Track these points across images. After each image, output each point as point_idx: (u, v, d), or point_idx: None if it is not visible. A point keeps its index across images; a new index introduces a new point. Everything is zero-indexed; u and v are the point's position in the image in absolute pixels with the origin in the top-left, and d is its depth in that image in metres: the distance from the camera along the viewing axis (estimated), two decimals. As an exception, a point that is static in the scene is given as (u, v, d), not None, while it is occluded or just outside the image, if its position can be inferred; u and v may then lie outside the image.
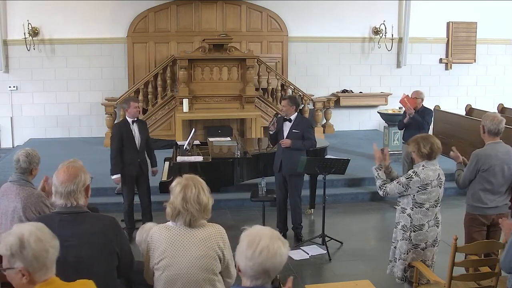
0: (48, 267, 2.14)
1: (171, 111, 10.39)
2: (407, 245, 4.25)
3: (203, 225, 2.84)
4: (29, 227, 2.15)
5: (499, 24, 12.43)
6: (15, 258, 2.08)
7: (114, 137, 6.21)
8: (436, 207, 4.23)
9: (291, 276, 2.29)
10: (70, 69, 11.19)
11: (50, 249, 2.13)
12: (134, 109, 6.13)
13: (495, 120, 4.48)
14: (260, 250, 2.08)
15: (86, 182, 2.80)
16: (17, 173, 3.95)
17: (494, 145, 4.51)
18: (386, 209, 7.57)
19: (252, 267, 2.10)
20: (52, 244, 2.15)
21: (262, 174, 6.64)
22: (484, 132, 4.54)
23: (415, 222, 4.20)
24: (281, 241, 2.14)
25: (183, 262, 2.76)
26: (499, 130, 4.49)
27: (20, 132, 11.23)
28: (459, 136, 9.46)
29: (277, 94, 10.88)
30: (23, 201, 3.81)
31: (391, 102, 11.81)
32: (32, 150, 4.08)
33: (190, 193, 2.75)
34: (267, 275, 2.11)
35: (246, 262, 2.11)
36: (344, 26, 11.93)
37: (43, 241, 2.11)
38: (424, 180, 4.13)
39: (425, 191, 4.14)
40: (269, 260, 2.08)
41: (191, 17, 11.49)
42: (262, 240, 2.10)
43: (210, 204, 2.83)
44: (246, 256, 2.11)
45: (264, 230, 2.17)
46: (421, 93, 7.42)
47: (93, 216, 2.83)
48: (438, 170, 4.22)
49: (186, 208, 2.74)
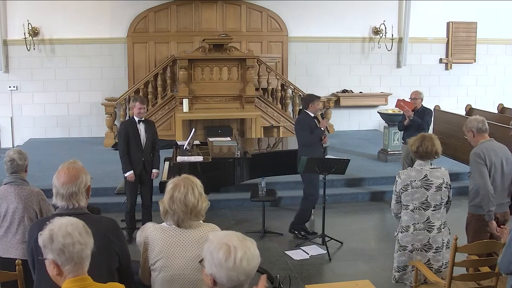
0: (76, 262, 2.17)
1: (171, 111, 10.40)
2: (396, 245, 4.28)
3: (198, 225, 2.80)
4: (62, 221, 2.21)
5: (499, 24, 12.43)
6: (47, 250, 2.18)
7: (120, 135, 6.22)
8: (427, 210, 4.11)
9: (263, 274, 2.21)
10: (70, 69, 11.19)
11: (77, 244, 2.16)
12: (137, 110, 6.10)
13: (478, 119, 4.58)
14: (240, 257, 1.99)
15: (87, 183, 2.79)
16: (12, 174, 3.91)
17: (488, 142, 4.54)
18: (386, 209, 7.56)
19: (235, 277, 2.00)
20: (80, 239, 2.17)
21: (262, 174, 6.64)
22: (474, 136, 4.57)
23: (403, 223, 4.21)
24: (249, 240, 2.06)
25: (179, 263, 2.74)
26: (485, 126, 4.56)
27: (20, 132, 11.23)
28: (459, 136, 9.43)
29: (277, 94, 10.88)
30: (23, 201, 3.80)
31: (391, 102, 11.78)
32: (18, 149, 4.05)
33: (178, 193, 2.72)
34: (248, 279, 2.04)
35: (228, 273, 2.00)
36: (344, 26, 11.93)
37: (71, 235, 2.16)
38: (405, 180, 4.13)
39: (407, 192, 4.13)
40: (250, 264, 2.01)
41: (191, 17, 11.49)
42: (236, 247, 2.01)
43: (201, 206, 2.76)
44: (228, 267, 2.00)
45: (229, 236, 2.07)
46: (420, 93, 7.44)
47: (93, 217, 2.82)
48: (426, 171, 4.12)
49: (173, 208, 2.72)
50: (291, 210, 7.47)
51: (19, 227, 3.80)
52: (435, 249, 4.15)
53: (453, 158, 9.27)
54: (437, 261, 4.17)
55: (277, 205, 7.57)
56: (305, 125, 6.33)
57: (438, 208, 4.14)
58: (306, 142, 6.36)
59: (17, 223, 3.80)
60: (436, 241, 4.15)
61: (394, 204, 4.26)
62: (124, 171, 6.15)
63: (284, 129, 10.52)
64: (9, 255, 3.80)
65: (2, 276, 3.31)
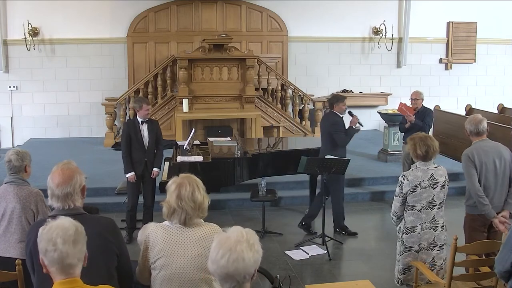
0: (60, 266, 2.17)
1: (171, 111, 10.39)
2: (400, 247, 4.27)
3: (199, 224, 2.82)
4: (53, 224, 2.21)
5: (499, 24, 12.43)
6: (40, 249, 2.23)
7: (122, 136, 6.27)
8: (433, 209, 4.15)
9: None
10: (70, 69, 11.19)
11: (57, 251, 2.14)
12: (145, 111, 6.16)
13: (473, 121, 4.58)
14: (222, 254, 2.01)
15: (82, 183, 2.78)
16: (12, 174, 3.91)
17: (480, 142, 4.57)
18: (386, 209, 7.55)
19: (215, 271, 2.05)
20: (62, 248, 2.15)
21: (262, 174, 6.64)
22: (469, 135, 4.63)
23: (408, 224, 4.20)
24: (247, 244, 2.05)
25: (179, 261, 2.75)
26: (479, 130, 4.55)
27: (20, 132, 11.23)
28: (459, 136, 9.44)
29: (277, 94, 10.87)
30: (22, 201, 3.79)
31: (391, 102, 11.82)
32: (20, 149, 4.03)
33: (185, 191, 2.75)
34: (233, 279, 2.04)
35: (210, 265, 2.06)
36: (344, 26, 11.93)
37: (53, 241, 2.15)
38: (413, 181, 4.12)
39: (415, 193, 4.12)
40: (231, 265, 2.00)
41: (191, 17, 11.49)
42: (225, 243, 2.03)
43: (206, 203, 2.81)
44: (211, 258, 2.06)
45: (233, 233, 2.09)
46: (420, 94, 7.43)
47: (91, 217, 2.81)
48: (432, 170, 4.15)
49: (181, 206, 2.74)
50: (291, 210, 7.49)
51: (17, 226, 3.80)
52: (439, 246, 4.22)
53: (453, 158, 9.26)
54: (440, 259, 4.23)
55: (277, 205, 7.56)
56: (341, 127, 6.39)
57: (441, 206, 4.20)
58: (344, 143, 6.43)
59: (15, 222, 3.80)
60: (440, 238, 4.22)
61: (399, 206, 4.22)
62: (126, 172, 6.15)
63: (284, 129, 10.53)
64: (8, 254, 3.80)
65: (2, 276, 3.31)
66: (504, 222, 4.41)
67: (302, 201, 7.60)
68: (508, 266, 2.95)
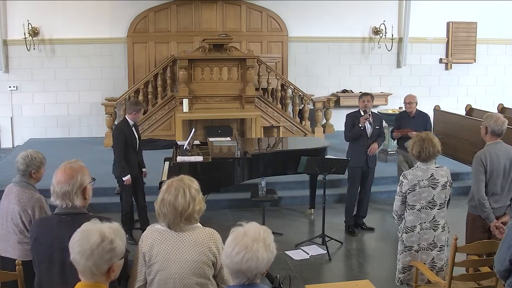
0: (78, 269, 2.19)
1: (171, 111, 10.39)
2: (400, 246, 4.27)
3: (193, 228, 2.74)
4: (86, 227, 2.23)
5: (499, 24, 12.43)
6: None
7: (119, 138, 6.17)
8: (433, 209, 4.14)
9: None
10: (70, 69, 11.19)
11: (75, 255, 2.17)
12: (140, 115, 6.36)
13: (499, 121, 4.49)
14: (238, 251, 2.02)
15: (83, 183, 2.77)
16: (18, 175, 3.91)
17: (494, 145, 4.51)
18: (386, 209, 7.56)
19: (228, 265, 2.08)
20: (77, 255, 2.16)
21: (262, 174, 6.64)
22: (487, 133, 4.53)
23: (408, 223, 4.20)
24: (264, 244, 2.05)
25: (174, 266, 2.69)
26: (503, 131, 4.50)
27: (20, 132, 11.23)
28: (459, 136, 9.46)
29: (277, 94, 10.87)
30: (21, 204, 3.76)
31: (391, 102, 11.82)
32: (34, 152, 3.92)
33: (168, 195, 2.67)
34: (244, 275, 2.06)
35: (224, 259, 2.10)
36: (344, 26, 11.93)
37: (73, 241, 2.20)
38: (412, 180, 4.12)
39: (414, 192, 4.12)
40: (245, 263, 2.02)
41: (191, 17, 11.49)
42: (242, 240, 2.04)
43: (194, 209, 2.68)
44: (226, 253, 2.09)
45: (251, 230, 2.09)
46: (414, 97, 7.19)
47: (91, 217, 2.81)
48: (432, 170, 4.13)
49: (163, 211, 2.68)
50: (291, 210, 7.49)
51: (16, 228, 3.78)
52: (439, 247, 4.20)
53: (453, 158, 9.27)
54: (440, 260, 4.22)
55: (277, 205, 7.57)
56: (349, 121, 6.66)
57: (442, 206, 4.18)
58: (345, 138, 6.74)
59: (14, 224, 3.79)
60: (440, 239, 4.20)
61: (399, 205, 4.23)
62: (123, 175, 6.14)
63: (284, 129, 10.53)
64: (7, 254, 3.80)
65: (2, 276, 3.31)
66: (500, 227, 4.40)
67: (302, 201, 7.60)
68: (507, 264, 2.95)
